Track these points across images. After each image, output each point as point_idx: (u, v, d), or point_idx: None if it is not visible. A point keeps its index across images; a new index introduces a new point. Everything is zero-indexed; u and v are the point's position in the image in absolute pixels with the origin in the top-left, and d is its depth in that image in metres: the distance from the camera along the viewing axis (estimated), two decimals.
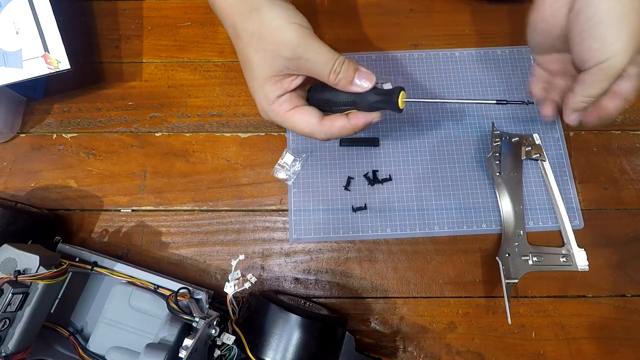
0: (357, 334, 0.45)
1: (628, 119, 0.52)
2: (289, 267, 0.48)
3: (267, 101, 0.38)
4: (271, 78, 0.37)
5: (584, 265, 0.45)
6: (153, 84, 0.53)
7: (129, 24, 0.56)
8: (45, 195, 0.50)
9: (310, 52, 0.36)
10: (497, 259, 0.45)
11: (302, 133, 0.39)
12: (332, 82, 0.37)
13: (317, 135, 0.39)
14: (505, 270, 0.45)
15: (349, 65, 0.37)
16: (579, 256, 0.46)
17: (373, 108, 0.39)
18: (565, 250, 0.47)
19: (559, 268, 0.46)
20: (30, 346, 0.38)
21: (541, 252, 0.46)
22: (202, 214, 0.49)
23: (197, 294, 0.41)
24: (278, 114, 0.39)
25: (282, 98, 0.38)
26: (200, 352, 0.37)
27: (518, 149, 0.49)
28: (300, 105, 0.39)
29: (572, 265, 0.46)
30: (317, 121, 0.39)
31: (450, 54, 0.54)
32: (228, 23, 0.39)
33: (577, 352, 0.45)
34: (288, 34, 0.36)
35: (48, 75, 0.45)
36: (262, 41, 0.36)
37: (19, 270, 0.36)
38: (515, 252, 0.46)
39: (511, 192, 0.48)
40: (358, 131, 0.39)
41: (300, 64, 0.37)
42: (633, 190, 0.50)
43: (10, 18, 0.45)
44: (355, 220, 0.48)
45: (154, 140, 0.51)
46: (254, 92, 0.39)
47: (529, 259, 0.46)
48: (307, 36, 0.36)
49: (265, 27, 0.36)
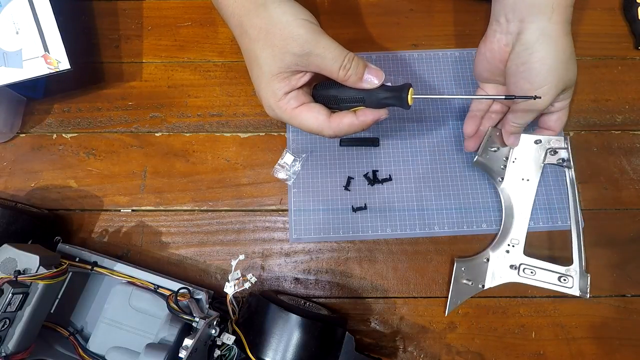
0: (357, 334, 0.45)
1: (628, 119, 0.52)
2: (289, 267, 0.48)
3: (274, 98, 0.38)
4: (279, 74, 0.37)
5: (585, 292, 0.44)
6: (153, 84, 0.53)
7: (129, 24, 0.56)
8: (45, 195, 0.49)
9: (320, 48, 0.36)
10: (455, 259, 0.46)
11: (310, 130, 0.39)
12: (341, 78, 0.37)
13: (325, 133, 0.39)
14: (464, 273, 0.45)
15: (358, 62, 0.37)
16: (583, 281, 0.44)
17: (381, 105, 0.38)
18: (565, 270, 0.45)
19: (552, 287, 0.45)
20: (30, 346, 0.38)
21: (535, 266, 0.46)
22: (202, 214, 0.49)
23: (197, 294, 0.41)
24: (285, 111, 0.38)
25: (289, 95, 0.38)
26: (200, 352, 0.37)
27: (540, 152, 0.48)
28: (308, 102, 0.39)
29: (571, 288, 0.45)
30: (325, 118, 0.38)
31: (450, 54, 0.54)
32: (234, 21, 0.39)
33: (577, 352, 0.45)
34: (297, 30, 0.36)
35: (48, 75, 0.45)
36: (271, 37, 0.36)
37: (19, 270, 0.36)
38: (499, 259, 0.46)
39: (518, 200, 0.47)
40: (366, 128, 0.39)
41: (310, 60, 0.36)
42: (633, 190, 0.50)
43: (10, 18, 0.45)
44: (355, 220, 0.48)
45: (154, 140, 0.51)
46: (260, 89, 0.39)
47: (518, 270, 0.45)
48: (316, 32, 0.36)
49: (273, 23, 0.36)
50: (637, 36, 0.55)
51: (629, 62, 0.54)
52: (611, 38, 0.55)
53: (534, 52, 0.39)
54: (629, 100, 0.53)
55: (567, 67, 0.40)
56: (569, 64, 0.40)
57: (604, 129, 0.52)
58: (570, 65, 0.40)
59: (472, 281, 0.45)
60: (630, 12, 0.55)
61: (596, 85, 0.53)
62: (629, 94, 0.53)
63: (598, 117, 0.52)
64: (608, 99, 0.53)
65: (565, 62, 0.40)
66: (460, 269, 0.46)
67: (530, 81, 0.40)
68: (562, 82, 0.40)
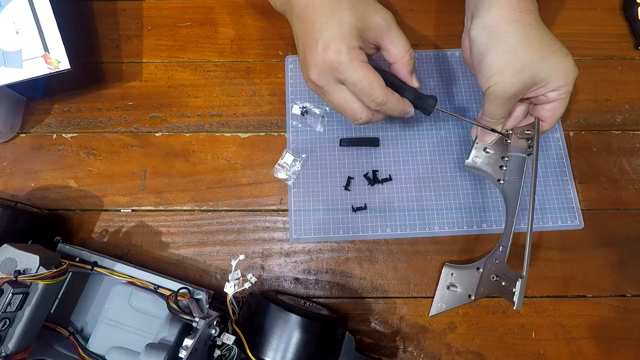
0: (357, 334, 0.45)
1: (628, 119, 0.52)
2: (289, 267, 0.48)
3: (348, 44, 0.39)
4: (361, 30, 0.40)
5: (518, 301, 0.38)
6: (153, 84, 0.53)
7: (129, 24, 0.56)
8: (45, 195, 0.49)
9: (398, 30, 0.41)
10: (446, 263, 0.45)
11: (364, 89, 0.40)
12: (404, 61, 0.42)
13: (376, 97, 0.40)
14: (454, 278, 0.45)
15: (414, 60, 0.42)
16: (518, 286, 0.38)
17: (414, 103, 0.43)
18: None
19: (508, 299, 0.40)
20: (30, 346, 0.38)
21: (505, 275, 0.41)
22: (202, 214, 0.49)
23: (197, 294, 0.41)
24: (354, 60, 0.39)
25: (360, 50, 0.40)
26: (200, 352, 0.37)
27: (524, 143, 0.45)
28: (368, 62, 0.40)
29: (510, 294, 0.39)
30: (384, 84, 0.40)
31: (450, 54, 0.54)
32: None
33: (577, 352, 0.45)
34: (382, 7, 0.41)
35: (48, 75, 0.45)
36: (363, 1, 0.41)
37: (19, 270, 0.36)
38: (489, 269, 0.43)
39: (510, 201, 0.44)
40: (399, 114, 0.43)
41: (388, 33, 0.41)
42: (633, 190, 0.50)
43: (10, 18, 0.45)
44: (355, 220, 0.48)
45: (154, 140, 0.51)
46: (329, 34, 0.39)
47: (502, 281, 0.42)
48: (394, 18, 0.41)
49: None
50: (637, 36, 0.55)
51: (629, 62, 0.54)
52: (611, 38, 0.55)
53: (475, 44, 0.42)
54: (629, 100, 0.53)
55: (524, 51, 0.40)
56: (525, 49, 0.40)
57: (604, 129, 0.52)
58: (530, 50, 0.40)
59: (459, 288, 0.45)
60: (630, 12, 0.55)
61: (596, 85, 0.54)
62: (629, 94, 0.53)
63: (598, 117, 0.52)
64: (608, 99, 0.53)
65: (517, 48, 0.40)
66: (449, 274, 0.45)
67: (482, 72, 0.42)
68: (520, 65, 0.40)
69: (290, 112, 0.52)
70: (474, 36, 0.42)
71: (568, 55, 0.42)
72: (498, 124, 0.45)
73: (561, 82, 0.41)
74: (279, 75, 0.54)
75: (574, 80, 0.42)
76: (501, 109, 0.43)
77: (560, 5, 0.57)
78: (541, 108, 0.45)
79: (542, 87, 0.42)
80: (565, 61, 0.41)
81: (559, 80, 0.41)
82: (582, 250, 0.48)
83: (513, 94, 0.41)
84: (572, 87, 0.42)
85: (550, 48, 0.41)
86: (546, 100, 0.44)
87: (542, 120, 0.45)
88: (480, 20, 0.41)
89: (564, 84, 0.42)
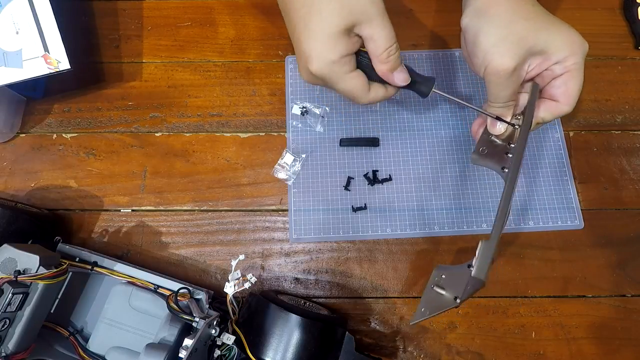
0: (357, 334, 0.45)
1: (628, 119, 0.52)
2: (289, 267, 0.48)
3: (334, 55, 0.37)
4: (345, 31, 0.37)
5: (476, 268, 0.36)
6: (153, 84, 0.53)
7: (129, 24, 0.56)
8: (45, 195, 0.49)
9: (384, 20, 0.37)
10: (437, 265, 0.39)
11: (349, 95, 0.40)
12: (381, 59, 0.38)
13: (362, 100, 0.40)
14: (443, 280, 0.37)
15: (399, 56, 0.39)
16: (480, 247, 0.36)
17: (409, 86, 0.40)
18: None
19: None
20: (30, 346, 0.38)
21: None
22: (202, 214, 0.49)
23: (197, 294, 0.41)
24: (337, 73, 0.38)
25: (346, 58, 0.38)
26: (200, 352, 0.37)
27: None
28: (354, 69, 0.39)
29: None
30: (367, 87, 0.40)
31: (450, 54, 0.54)
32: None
33: (577, 352, 0.45)
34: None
35: (48, 75, 0.45)
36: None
37: (19, 270, 0.36)
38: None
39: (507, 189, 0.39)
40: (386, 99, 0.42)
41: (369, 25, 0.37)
42: (633, 190, 0.50)
43: (10, 18, 0.45)
44: (355, 220, 0.48)
45: (154, 140, 0.51)
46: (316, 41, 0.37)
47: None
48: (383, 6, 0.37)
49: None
50: (637, 36, 0.55)
51: (629, 62, 0.54)
52: (611, 38, 0.55)
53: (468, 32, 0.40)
54: (629, 100, 0.53)
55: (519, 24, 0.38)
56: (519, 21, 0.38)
57: (604, 129, 0.52)
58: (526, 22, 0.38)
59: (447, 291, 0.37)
60: (630, 12, 0.55)
61: (596, 85, 0.54)
62: (629, 94, 0.53)
63: (598, 117, 0.52)
64: (608, 99, 0.53)
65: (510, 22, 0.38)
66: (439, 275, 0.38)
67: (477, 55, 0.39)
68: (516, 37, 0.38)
69: (290, 112, 0.52)
70: (466, 24, 0.40)
71: (571, 28, 0.39)
72: (506, 109, 0.41)
73: (565, 52, 0.39)
74: (279, 75, 0.54)
75: (583, 54, 0.39)
76: (504, 89, 0.40)
77: (560, 5, 0.57)
78: (550, 87, 0.41)
79: (544, 61, 0.39)
80: (567, 31, 0.39)
81: (561, 51, 0.39)
82: (582, 250, 0.48)
83: (513, 67, 0.38)
84: (582, 60, 0.39)
85: (548, 20, 0.39)
86: (553, 75, 0.40)
87: (556, 99, 0.41)
88: (471, 7, 0.40)
89: (569, 55, 0.39)
